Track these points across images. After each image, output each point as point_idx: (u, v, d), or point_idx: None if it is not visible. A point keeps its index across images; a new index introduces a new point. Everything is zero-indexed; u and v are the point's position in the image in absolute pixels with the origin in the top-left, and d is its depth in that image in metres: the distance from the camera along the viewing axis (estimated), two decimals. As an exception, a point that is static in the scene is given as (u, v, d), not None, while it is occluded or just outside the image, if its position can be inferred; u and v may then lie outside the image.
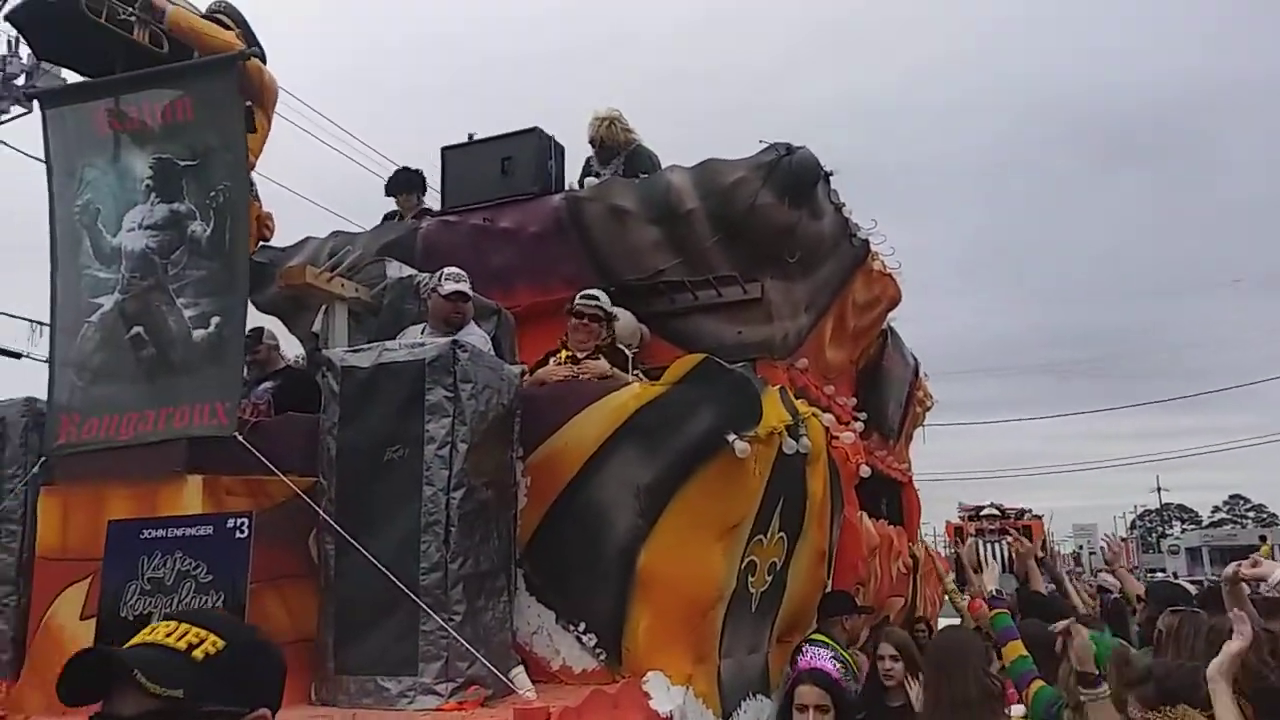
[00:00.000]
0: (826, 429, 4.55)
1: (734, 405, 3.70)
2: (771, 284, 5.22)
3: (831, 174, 5.23)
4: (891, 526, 6.61)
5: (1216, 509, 74.93)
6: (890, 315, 7.06)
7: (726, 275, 5.21)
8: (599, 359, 4.23)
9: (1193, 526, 66.88)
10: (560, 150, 5.63)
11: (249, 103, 3.60)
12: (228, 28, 3.76)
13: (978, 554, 19.41)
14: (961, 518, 22.94)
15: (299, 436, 3.64)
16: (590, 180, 5.59)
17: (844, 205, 5.42)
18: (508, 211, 5.42)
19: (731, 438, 3.57)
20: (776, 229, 5.10)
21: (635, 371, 4.40)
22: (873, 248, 5.94)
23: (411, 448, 3.17)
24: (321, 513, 3.16)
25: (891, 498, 9.17)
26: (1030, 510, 24.20)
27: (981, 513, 22.29)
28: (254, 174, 3.77)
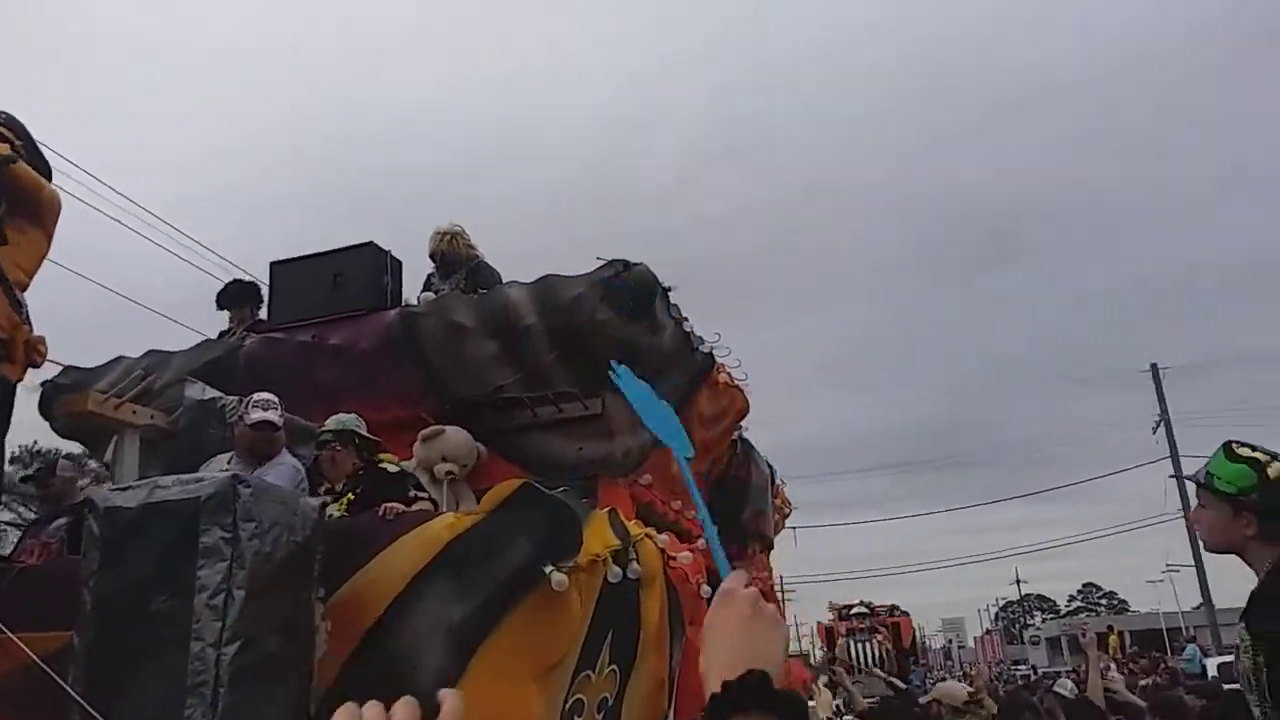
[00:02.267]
0: (663, 550, 4.30)
1: (553, 533, 3.42)
2: (612, 399, 5.01)
3: (670, 289, 5.11)
4: None
5: (1072, 598, 77.39)
6: (742, 425, 6.95)
7: (566, 391, 4.98)
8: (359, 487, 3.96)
9: (1051, 616, 68.73)
10: (398, 265, 5.37)
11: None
12: (5, 139, 3.39)
13: (849, 654, 19.15)
14: (832, 617, 22.93)
15: (69, 584, 3.16)
16: (427, 296, 5.34)
17: (685, 319, 5.29)
18: (339, 328, 5.10)
19: (549, 569, 3.27)
20: (614, 343, 4.91)
21: (415, 492, 4.10)
22: (718, 360, 5.83)
23: (179, 598, 2.76)
24: (56, 677, 2.69)
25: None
26: (899, 606, 24.40)
27: (851, 611, 22.36)
28: (28, 295, 3.37)
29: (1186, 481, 3.07)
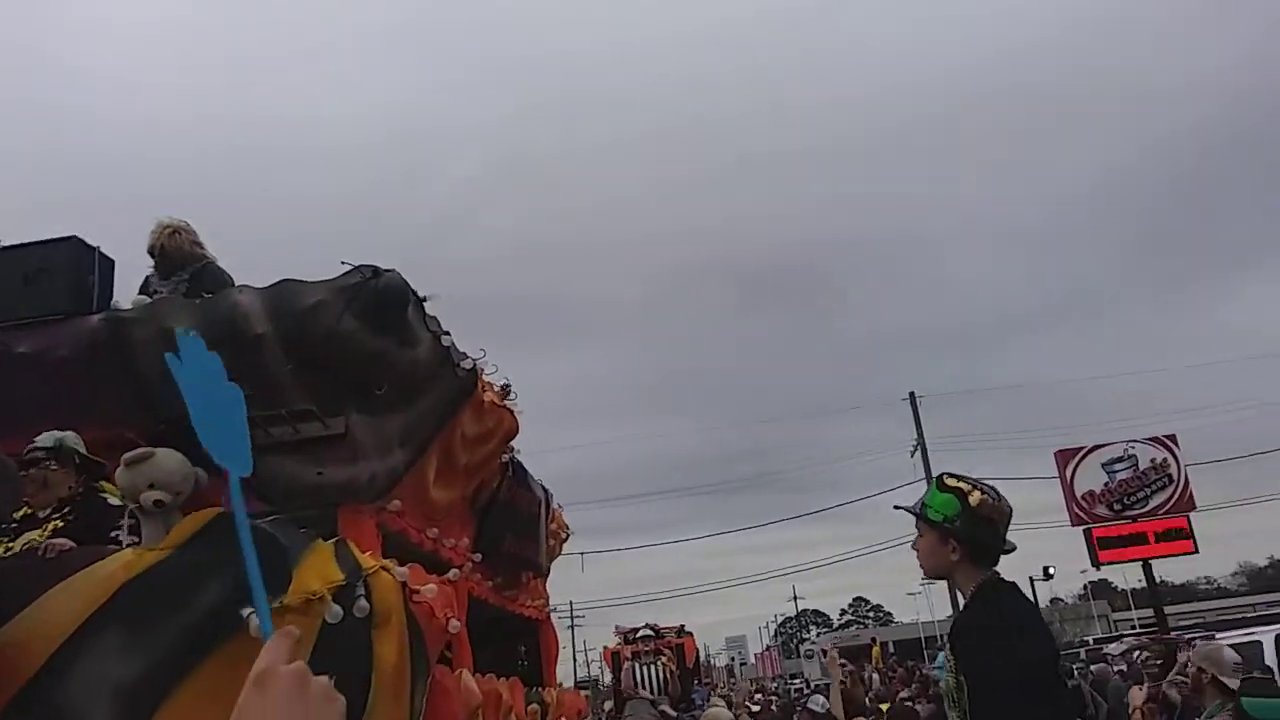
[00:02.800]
0: (403, 583, 3.85)
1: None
2: (357, 419, 4.52)
3: (426, 299, 4.68)
4: (504, 679, 5.93)
5: (844, 611, 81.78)
6: (512, 448, 6.58)
7: (304, 409, 4.44)
8: (71, 515, 3.32)
9: (826, 629, 72.24)
10: (108, 264, 4.66)
11: None
12: None
13: (634, 678, 19.05)
14: (618, 641, 22.83)
15: None
16: (142, 300, 4.65)
17: (446, 333, 4.87)
18: (30, 333, 4.34)
19: (247, 612, 2.77)
20: (361, 357, 4.44)
21: (121, 525, 3.51)
22: (484, 379, 5.44)
23: None
24: None
25: (529, 638, 8.54)
26: (685, 627, 24.64)
27: (637, 635, 22.34)
28: None
29: (904, 511, 3.16)
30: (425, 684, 4.08)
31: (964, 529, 2.88)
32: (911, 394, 34.88)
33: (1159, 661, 9.91)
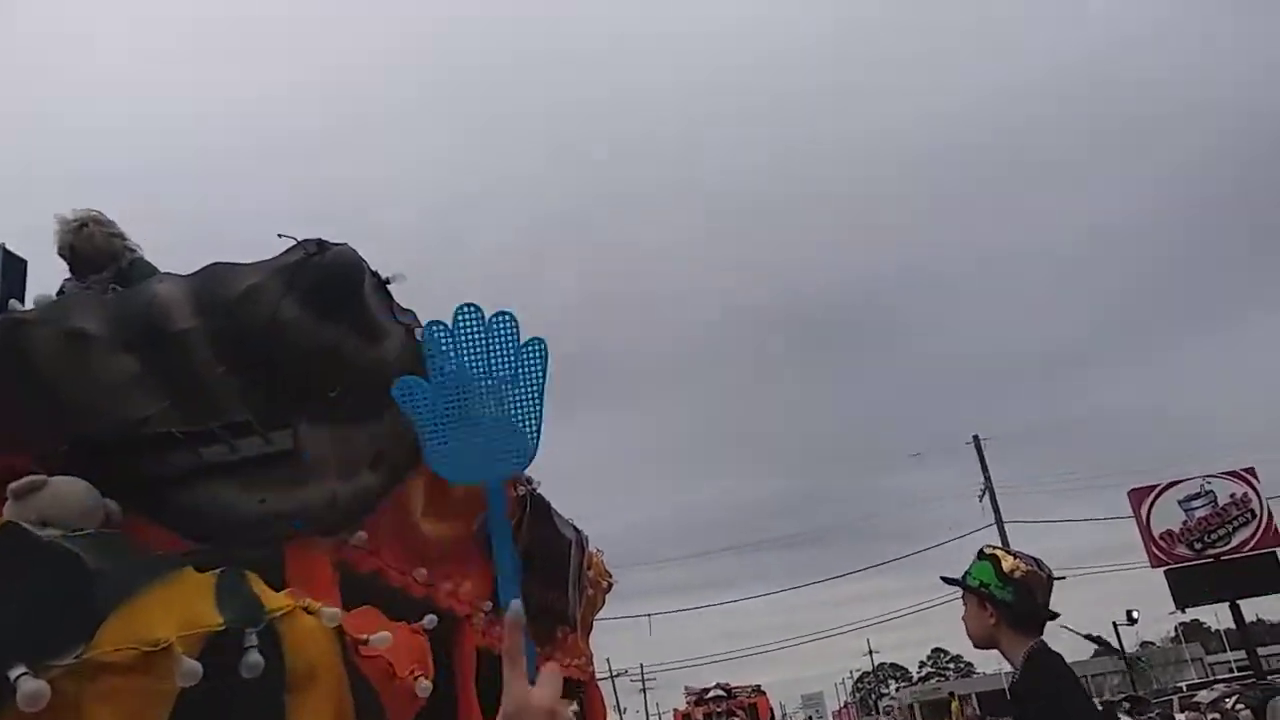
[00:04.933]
0: (340, 631, 2.76)
1: (31, 614, 1.86)
2: (309, 432, 3.50)
3: (392, 280, 3.68)
4: None
5: (923, 664, 77.58)
6: (530, 479, 5.50)
7: (240, 422, 3.44)
8: None
9: (905, 684, 68.41)
10: (18, 265, 3.77)
11: None
12: None
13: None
14: (689, 703, 21.28)
15: None
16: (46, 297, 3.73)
17: (418, 325, 3.85)
18: (-90, 344, 3.42)
19: (18, 673, 1.72)
20: (307, 353, 3.44)
21: None
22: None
23: None
24: None
25: (573, 698, 7.32)
26: (759, 686, 22.98)
27: (708, 695, 20.77)
28: None
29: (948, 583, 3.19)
30: (380, 764, 2.96)
31: (999, 594, 2.90)
32: (976, 437, 32.95)
33: (1248, 709, 8.62)
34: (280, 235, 3.42)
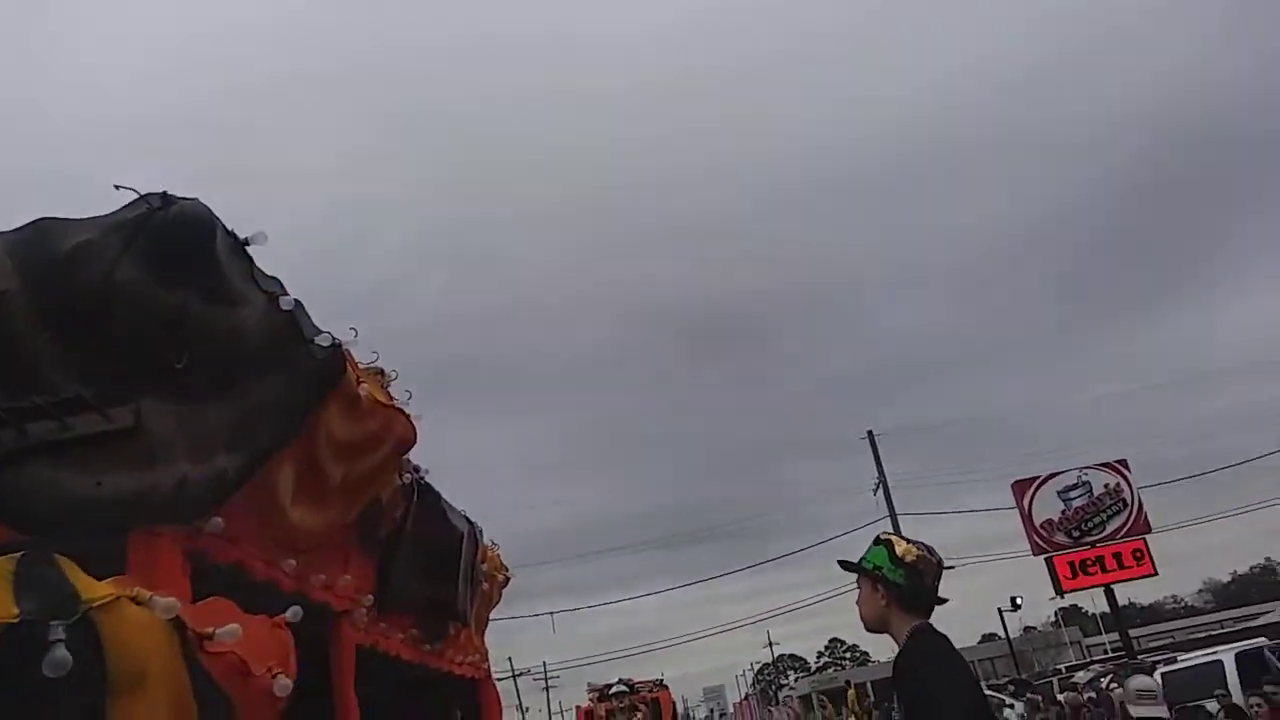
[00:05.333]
0: (179, 622, 2.42)
1: None
2: (154, 408, 3.12)
3: (250, 240, 3.33)
4: None
5: (821, 654, 79.17)
6: (417, 467, 5.16)
7: (73, 397, 3.04)
8: None
9: (803, 674, 69.63)
10: None
11: None
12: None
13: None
14: (591, 699, 21.03)
15: None
16: None
17: (284, 294, 3.50)
18: None
19: None
20: (149, 319, 3.06)
21: None
22: (356, 365, 4.06)
23: None
24: None
25: (465, 701, 6.99)
26: (661, 680, 22.86)
27: (611, 691, 20.57)
28: None
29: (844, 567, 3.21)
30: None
31: (891, 576, 2.95)
32: (870, 433, 33.77)
33: (1120, 688, 9.11)
34: (118, 187, 3.04)
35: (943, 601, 3.04)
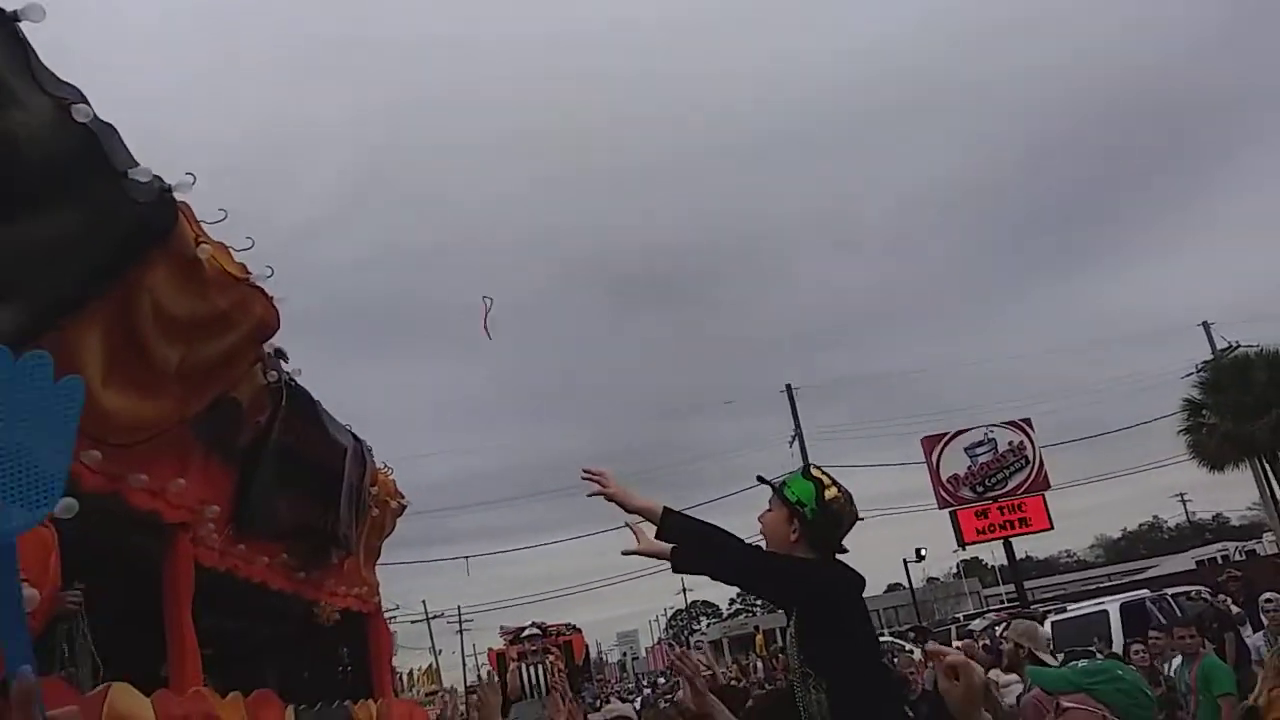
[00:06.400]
0: None
1: None
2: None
3: (19, 16, 2.44)
4: (247, 695, 3.68)
5: (733, 601, 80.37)
6: (282, 359, 4.33)
7: None
8: None
9: (715, 620, 70.59)
10: None
11: None
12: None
13: (520, 679, 16.52)
14: (505, 642, 20.49)
15: None
16: None
17: (76, 102, 2.63)
18: None
19: None
20: None
21: None
22: (196, 223, 3.21)
23: None
24: None
25: (352, 637, 6.23)
26: (573, 624, 22.45)
27: (523, 634, 20.05)
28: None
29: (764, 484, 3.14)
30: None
31: (810, 515, 2.90)
32: (788, 386, 33.65)
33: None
34: None
35: (844, 551, 2.98)
